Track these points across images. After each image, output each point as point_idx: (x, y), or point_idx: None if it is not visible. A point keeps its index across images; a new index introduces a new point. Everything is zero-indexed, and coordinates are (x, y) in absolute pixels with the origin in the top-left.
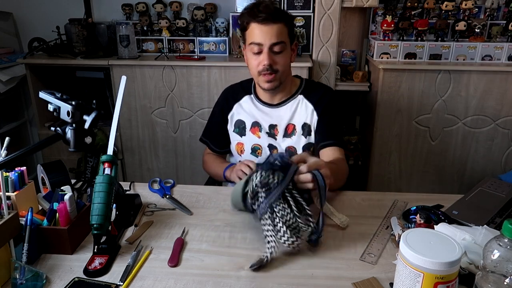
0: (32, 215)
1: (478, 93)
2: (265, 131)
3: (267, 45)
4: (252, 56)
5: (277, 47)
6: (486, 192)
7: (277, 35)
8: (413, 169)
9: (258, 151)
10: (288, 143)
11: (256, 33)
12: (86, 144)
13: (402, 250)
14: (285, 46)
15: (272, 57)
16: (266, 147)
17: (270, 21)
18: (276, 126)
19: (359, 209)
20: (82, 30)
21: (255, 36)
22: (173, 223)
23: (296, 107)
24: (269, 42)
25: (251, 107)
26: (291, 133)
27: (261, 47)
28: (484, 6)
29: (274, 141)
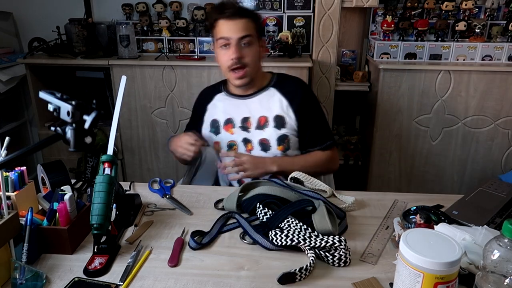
0: (32, 215)
1: (478, 93)
2: (238, 126)
3: (235, 39)
4: (221, 51)
5: (244, 39)
6: (486, 192)
7: (244, 29)
8: (413, 169)
9: (234, 147)
10: (261, 136)
11: (223, 28)
12: (86, 144)
13: (402, 250)
14: (253, 39)
15: (240, 51)
16: (241, 142)
17: (237, 16)
18: (249, 119)
19: (359, 209)
20: (82, 30)
21: (223, 31)
22: (173, 223)
23: (268, 99)
24: (236, 35)
25: (223, 104)
26: (264, 125)
27: (228, 41)
28: (484, 6)
29: (248, 134)
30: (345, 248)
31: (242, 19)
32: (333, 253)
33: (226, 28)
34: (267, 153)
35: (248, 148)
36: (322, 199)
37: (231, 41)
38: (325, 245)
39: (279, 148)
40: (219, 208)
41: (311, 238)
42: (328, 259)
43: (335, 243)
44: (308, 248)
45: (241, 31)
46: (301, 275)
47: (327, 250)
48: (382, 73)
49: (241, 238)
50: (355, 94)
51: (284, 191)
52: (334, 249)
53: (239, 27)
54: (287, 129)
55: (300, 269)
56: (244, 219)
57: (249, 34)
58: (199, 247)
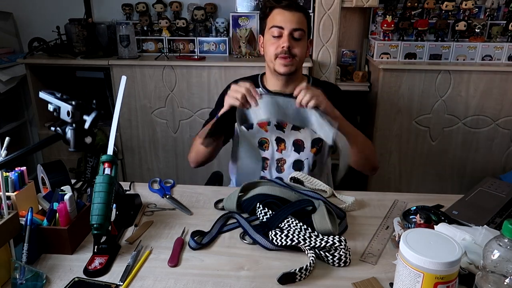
0: (32, 215)
1: (478, 93)
2: (274, 124)
3: (288, 29)
4: (271, 39)
5: (297, 33)
6: (486, 192)
7: (299, 22)
8: (413, 169)
9: (265, 145)
10: (296, 136)
11: (278, 17)
12: (86, 144)
13: (402, 250)
14: (304, 35)
15: (291, 42)
16: (274, 141)
17: (293, 8)
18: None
19: (359, 209)
20: (82, 30)
21: (277, 20)
22: (173, 223)
23: None
24: (290, 26)
25: None
26: None
27: (281, 31)
28: (484, 6)
29: (282, 134)
30: (345, 248)
31: (298, 12)
32: (333, 253)
33: (282, 17)
34: (299, 155)
35: (280, 148)
36: (322, 199)
37: (284, 31)
38: (325, 245)
39: (312, 151)
40: (219, 208)
41: (311, 238)
42: (328, 259)
43: (335, 243)
44: (308, 248)
45: (296, 23)
46: (301, 275)
47: (327, 250)
48: (382, 73)
49: (241, 238)
50: (355, 94)
51: (284, 191)
52: (334, 249)
53: (294, 19)
54: None
55: (300, 269)
56: (244, 219)
57: (302, 28)
58: (199, 247)
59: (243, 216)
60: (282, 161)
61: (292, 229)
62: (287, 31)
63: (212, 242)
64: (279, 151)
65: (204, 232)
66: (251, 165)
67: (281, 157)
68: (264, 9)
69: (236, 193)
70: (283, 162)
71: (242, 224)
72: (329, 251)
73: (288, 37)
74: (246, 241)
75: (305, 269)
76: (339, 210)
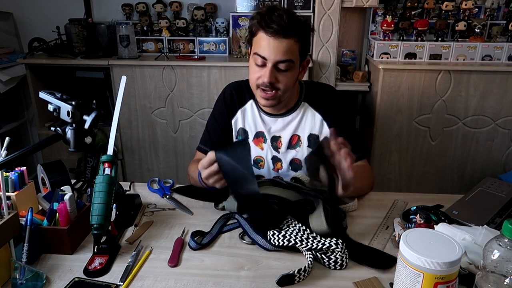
0: (32, 215)
1: (478, 93)
2: (269, 143)
3: (272, 61)
4: (254, 67)
5: (282, 65)
6: (486, 192)
7: (285, 52)
8: (413, 169)
9: (261, 163)
10: (293, 155)
11: (262, 44)
12: (86, 144)
13: (402, 250)
14: (293, 64)
15: (275, 75)
16: (270, 160)
17: (281, 36)
18: (280, 138)
19: (359, 209)
20: (82, 30)
21: (261, 48)
22: (173, 223)
23: (301, 117)
24: (274, 58)
25: (254, 116)
26: (295, 144)
27: (265, 61)
28: (484, 6)
29: (277, 154)
30: (341, 251)
31: (287, 39)
32: (330, 256)
33: (266, 46)
34: (297, 173)
35: (276, 167)
36: (322, 197)
37: (267, 62)
38: (321, 247)
39: None
40: (219, 208)
41: (309, 239)
42: (325, 261)
43: (332, 245)
44: (306, 250)
45: (282, 54)
46: (300, 276)
47: (324, 253)
48: (382, 73)
49: (240, 238)
50: (355, 94)
51: (284, 191)
52: (331, 251)
53: (281, 49)
54: None
55: (299, 270)
56: (244, 219)
57: (289, 59)
58: (199, 247)
59: (243, 217)
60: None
61: (290, 229)
62: (270, 63)
63: (212, 242)
64: (275, 170)
65: (204, 232)
66: None
67: (277, 175)
68: (250, 27)
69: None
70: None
71: (242, 224)
72: (326, 253)
73: (272, 69)
74: (245, 241)
75: (303, 271)
76: None
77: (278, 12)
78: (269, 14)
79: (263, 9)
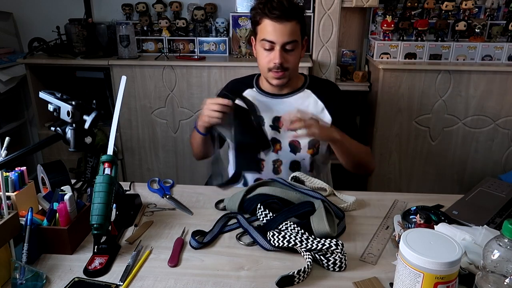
0: (32, 215)
1: (478, 93)
2: (269, 125)
3: (280, 43)
4: (263, 52)
5: (289, 45)
6: (486, 192)
7: (290, 33)
8: (413, 169)
9: None
10: (292, 136)
11: (269, 30)
12: (86, 144)
13: (402, 250)
14: (297, 44)
15: (283, 56)
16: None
17: (284, 19)
18: (281, 119)
19: (359, 209)
20: (82, 30)
21: (267, 34)
22: (173, 223)
23: (303, 100)
24: (282, 40)
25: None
26: None
27: (273, 45)
28: (484, 6)
29: (278, 134)
30: (341, 253)
31: (289, 22)
32: (329, 257)
33: (272, 30)
34: (296, 155)
35: (276, 148)
36: (322, 198)
37: (275, 45)
38: (321, 247)
39: (308, 152)
40: (220, 208)
41: (308, 240)
42: (323, 262)
43: (332, 246)
44: (304, 250)
45: (288, 36)
46: (299, 277)
47: (323, 254)
48: (382, 73)
49: (238, 239)
50: (355, 94)
51: (285, 192)
52: (331, 252)
53: (286, 31)
54: None
55: (298, 271)
56: (245, 219)
57: (295, 40)
58: (200, 246)
59: (244, 217)
60: (278, 163)
61: (290, 231)
62: (279, 46)
63: (212, 242)
64: (275, 152)
65: (205, 232)
66: None
67: (277, 158)
68: (254, 17)
69: (239, 194)
70: (279, 163)
71: (243, 224)
72: (325, 255)
73: (280, 51)
74: (242, 242)
75: (303, 271)
76: (338, 210)
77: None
78: (270, 1)
79: None
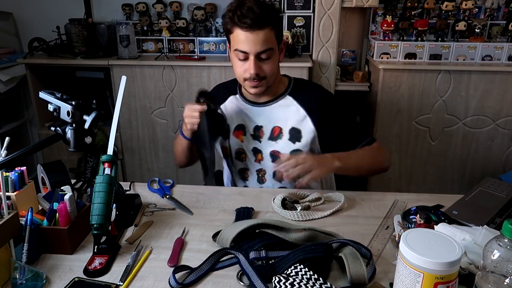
0: (32, 215)
1: (478, 93)
2: (250, 134)
3: (253, 53)
4: (237, 62)
5: (264, 54)
6: (486, 192)
7: (264, 42)
8: (413, 169)
9: (243, 155)
10: (273, 147)
11: (241, 39)
12: (86, 144)
13: (402, 250)
14: (273, 52)
15: (258, 65)
16: (250, 151)
17: (256, 28)
18: (262, 128)
19: (359, 209)
20: (82, 30)
21: (240, 43)
22: (173, 223)
23: (284, 109)
24: (255, 50)
25: (235, 109)
26: (277, 137)
27: (246, 55)
28: (484, 6)
29: (259, 144)
30: None
31: (262, 30)
32: None
33: (244, 40)
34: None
35: (258, 159)
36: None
37: (249, 55)
38: None
39: None
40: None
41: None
42: None
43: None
44: None
45: (261, 45)
46: None
47: None
48: (382, 73)
49: (238, 279)
50: (355, 94)
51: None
52: None
53: (259, 40)
54: (302, 144)
55: None
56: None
57: (269, 48)
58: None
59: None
60: (262, 172)
61: (300, 276)
62: (252, 56)
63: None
64: (257, 162)
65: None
66: None
67: (260, 167)
68: (225, 25)
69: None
70: (263, 172)
71: (242, 264)
72: None
73: (255, 61)
74: (243, 283)
75: None
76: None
77: (247, 5)
78: (239, 8)
79: (232, 5)
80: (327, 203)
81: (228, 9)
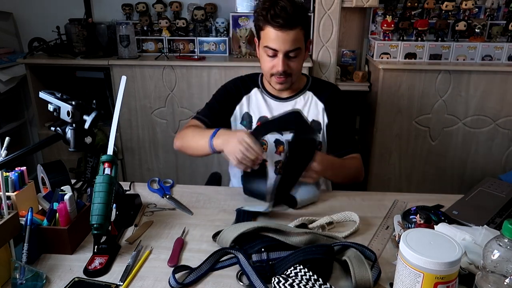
0: (32, 215)
1: (478, 93)
2: None
3: (283, 52)
4: (266, 58)
5: (292, 53)
6: (486, 192)
7: (294, 41)
8: (413, 169)
9: (264, 146)
10: None
11: (271, 37)
12: (86, 144)
13: (402, 250)
14: (300, 51)
15: (286, 63)
16: (273, 143)
17: (287, 28)
18: None
19: (359, 209)
20: (82, 30)
21: (270, 41)
22: (173, 223)
23: (305, 103)
24: (285, 49)
25: (259, 101)
26: None
27: (276, 52)
28: (484, 6)
29: (281, 136)
30: None
31: (293, 30)
32: None
33: (275, 38)
34: None
35: (279, 150)
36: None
37: (278, 53)
38: None
39: None
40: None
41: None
42: None
43: None
44: None
45: (291, 44)
46: None
47: None
48: (382, 73)
49: (238, 279)
50: (355, 94)
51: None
52: None
53: (289, 39)
54: (322, 135)
55: None
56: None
57: (298, 47)
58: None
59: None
60: (280, 164)
61: (299, 278)
62: (281, 54)
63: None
64: (277, 153)
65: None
66: None
67: (279, 159)
68: (257, 21)
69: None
70: (281, 164)
71: (242, 264)
72: None
73: (283, 59)
74: (242, 283)
75: None
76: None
77: (281, 5)
78: (273, 8)
79: (266, 4)
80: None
81: (262, 6)
